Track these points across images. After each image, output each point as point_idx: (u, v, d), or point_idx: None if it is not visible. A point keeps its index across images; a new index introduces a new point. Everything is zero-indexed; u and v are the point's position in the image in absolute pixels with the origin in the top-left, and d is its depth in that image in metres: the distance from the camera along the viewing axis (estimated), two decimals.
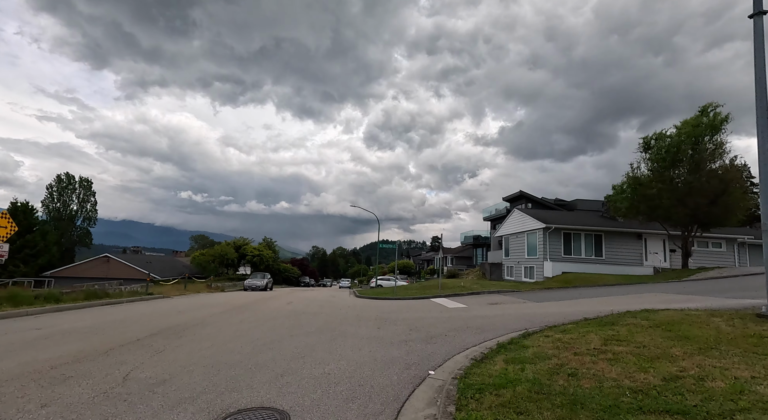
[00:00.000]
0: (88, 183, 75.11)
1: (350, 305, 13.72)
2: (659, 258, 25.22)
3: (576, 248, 25.44)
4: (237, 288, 29.00)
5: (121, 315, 9.74)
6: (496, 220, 47.39)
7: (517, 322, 7.93)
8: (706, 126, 17.20)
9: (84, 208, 74.48)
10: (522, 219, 28.44)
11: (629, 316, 6.91)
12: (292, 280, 55.51)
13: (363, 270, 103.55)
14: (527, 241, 27.62)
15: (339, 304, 14.44)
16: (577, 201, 39.09)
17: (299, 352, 5.60)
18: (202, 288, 23.83)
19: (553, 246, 25.17)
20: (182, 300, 15.23)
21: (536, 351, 4.98)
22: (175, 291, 19.39)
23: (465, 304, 12.61)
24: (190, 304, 13.43)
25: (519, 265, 28.52)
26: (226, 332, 7.30)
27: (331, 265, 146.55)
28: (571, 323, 6.95)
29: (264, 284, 27.80)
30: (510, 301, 12.79)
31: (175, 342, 6.26)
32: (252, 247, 48.21)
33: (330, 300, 16.87)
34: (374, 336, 6.99)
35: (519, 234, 28.82)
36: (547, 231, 25.07)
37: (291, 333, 7.27)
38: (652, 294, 11.73)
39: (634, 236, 25.62)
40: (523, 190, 39.81)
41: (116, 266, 37.60)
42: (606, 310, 8.28)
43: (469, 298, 14.66)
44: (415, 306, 12.86)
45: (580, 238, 25.54)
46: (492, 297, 14.68)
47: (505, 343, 5.67)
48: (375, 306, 13.39)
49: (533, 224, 26.44)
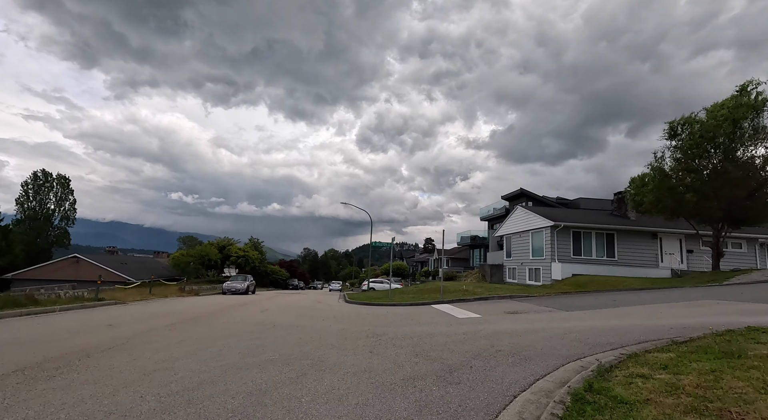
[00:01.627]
0: (66, 181, 71.60)
1: (337, 314, 11.34)
2: (676, 259, 23.25)
3: (586, 248, 23.36)
4: (216, 291, 26.39)
5: (16, 333, 7.25)
6: (494, 219, 45.35)
7: (563, 342, 5.64)
8: (747, 107, 15.19)
9: (62, 207, 71.00)
10: (526, 217, 26.33)
11: (747, 339, 4.66)
12: (279, 282, 52.83)
13: (355, 272, 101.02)
14: (532, 241, 25.50)
15: (323, 312, 12.05)
16: (580, 199, 37.20)
17: (233, 412, 3.23)
18: (174, 291, 21.22)
19: (561, 246, 23.06)
20: (134, 308, 12.70)
21: (653, 416, 2.70)
22: (135, 296, 16.81)
23: (477, 313, 10.32)
24: (137, 313, 10.93)
25: (523, 267, 26.37)
26: (140, 363, 4.88)
27: (323, 267, 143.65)
28: (657, 349, 4.69)
29: (244, 287, 25.25)
30: (532, 309, 10.53)
31: (34, 388, 3.84)
32: (237, 248, 45.50)
33: (314, 306, 14.46)
34: (365, 368, 4.65)
35: (523, 233, 26.69)
36: (555, 230, 22.96)
37: (240, 364, 4.88)
38: (711, 301, 9.57)
39: (648, 235, 23.62)
40: (524, 188, 37.81)
41: (86, 268, 34.67)
42: (675, 324, 6.05)
43: (479, 305, 12.38)
44: (416, 315, 10.54)
45: (591, 238, 23.47)
46: (505, 303, 12.42)
47: (580, 390, 3.37)
48: (367, 315, 11.03)
49: (539, 222, 24.32)
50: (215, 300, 18.05)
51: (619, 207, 26.14)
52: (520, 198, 38.62)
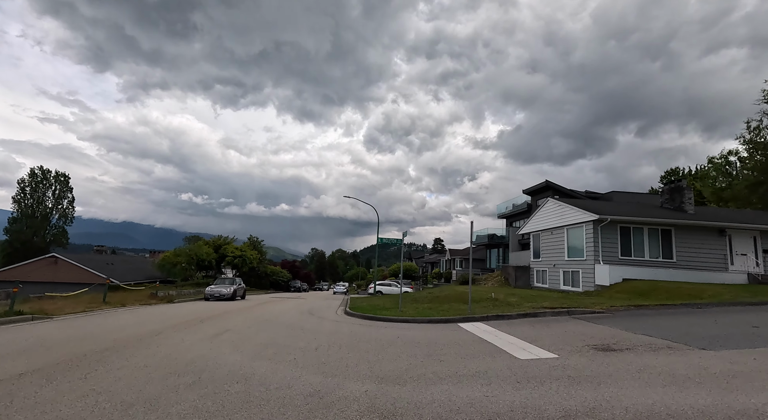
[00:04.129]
0: (65, 178, 69.27)
1: (323, 343, 7.62)
2: (750, 261, 19.06)
3: (637, 247, 19.31)
4: (200, 296, 22.89)
5: None
6: (514, 216, 41.30)
7: None
8: None
9: (60, 205, 68.70)
10: (560, 210, 22.34)
11: None
12: (281, 284, 49.37)
13: (362, 273, 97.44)
14: (568, 239, 21.52)
15: (306, 337, 8.35)
16: (612, 193, 33.03)
17: None
18: (142, 298, 17.70)
19: (607, 244, 19.06)
20: (37, 329, 9.11)
21: None
22: (79, 305, 13.31)
23: (539, 344, 6.52)
24: (13, 342, 7.34)
25: (556, 269, 22.40)
26: None
27: (330, 267, 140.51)
28: None
29: (230, 292, 21.70)
30: (629, 341, 6.65)
31: None
32: (234, 247, 42.10)
33: (299, 323, 10.77)
34: None
35: (556, 230, 22.71)
36: (598, 225, 18.97)
37: None
38: None
39: (714, 232, 19.48)
40: (550, 180, 33.78)
41: (65, 268, 31.53)
42: None
43: (532, 328, 8.53)
44: (444, 347, 6.79)
45: (643, 235, 19.42)
46: (571, 326, 8.56)
47: None
48: (367, 345, 7.31)
49: (578, 216, 20.34)
50: (184, 310, 14.49)
51: (672, 198, 22.00)
52: (545, 191, 34.56)
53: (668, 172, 47.75)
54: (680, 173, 46.65)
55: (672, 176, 47.34)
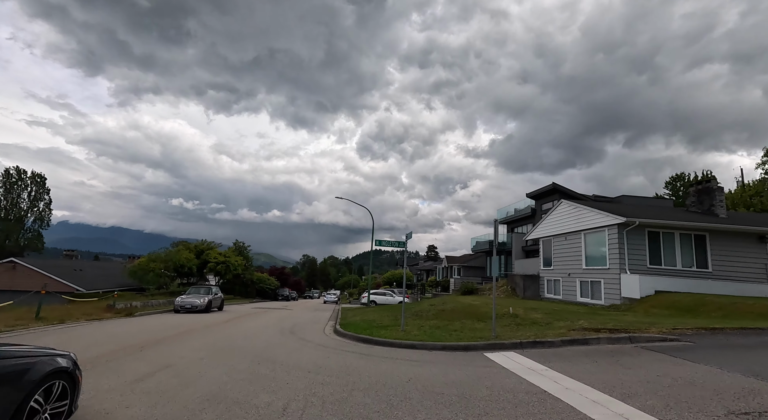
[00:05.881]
0: (42, 179, 65.62)
1: (295, 396, 5.08)
2: None
3: (668, 255, 17.06)
4: (170, 308, 20.06)
5: None
6: (516, 222, 39.10)
7: None
8: None
9: (35, 208, 64.98)
10: (577, 213, 20.08)
11: None
12: (268, 292, 46.38)
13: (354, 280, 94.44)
14: (586, 245, 19.22)
15: (273, 378, 5.81)
16: (622, 197, 30.97)
17: None
18: (91, 311, 14.88)
19: (634, 251, 16.78)
20: None
21: None
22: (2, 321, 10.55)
23: (650, 410, 4.07)
24: None
25: (571, 279, 20.06)
26: None
27: (321, 274, 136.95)
28: None
29: (204, 303, 18.92)
30: None
31: None
32: (217, 253, 39.16)
33: (273, 351, 8.18)
34: None
35: (571, 235, 20.42)
36: (624, 229, 16.70)
37: None
38: None
39: (753, 238, 17.33)
40: (557, 183, 31.66)
41: (25, 274, 28.37)
42: None
43: (599, 366, 6.06)
44: (481, 402, 4.34)
45: (674, 241, 17.18)
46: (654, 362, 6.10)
47: None
48: (365, 393, 4.83)
49: (599, 220, 18.07)
50: (135, 328, 11.78)
51: (701, 201, 19.87)
52: (552, 195, 32.45)
53: (673, 177, 46.05)
54: (686, 179, 44.96)
55: (677, 182, 45.59)
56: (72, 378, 3.66)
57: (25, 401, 3.04)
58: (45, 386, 3.28)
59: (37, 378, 3.18)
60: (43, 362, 3.36)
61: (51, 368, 3.36)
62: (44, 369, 3.29)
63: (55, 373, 3.41)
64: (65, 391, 3.56)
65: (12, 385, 2.98)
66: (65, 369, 3.55)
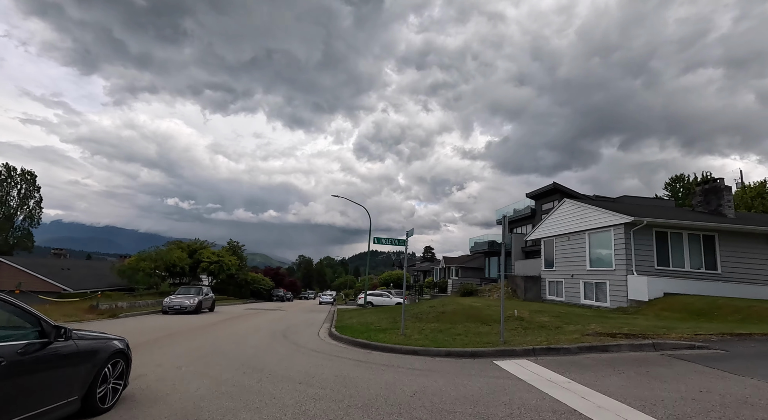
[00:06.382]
0: (32, 176, 64.26)
1: (282, 416, 4.35)
2: None
3: (676, 256, 16.47)
4: (158, 309, 19.23)
5: None
6: (516, 222, 38.51)
7: None
8: None
9: (26, 206, 63.64)
10: (581, 213, 19.47)
11: None
12: (262, 293, 45.49)
13: (350, 281, 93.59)
14: (591, 245, 18.62)
15: (259, 391, 5.09)
16: (624, 197, 30.48)
17: None
18: (72, 312, 14.04)
19: (641, 252, 16.18)
20: None
21: None
22: None
23: None
24: None
25: (574, 281, 19.44)
26: None
27: (317, 275, 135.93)
28: None
29: (194, 304, 18.11)
30: None
31: None
32: (210, 252, 38.28)
33: (261, 358, 7.45)
34: None
35: (574, 235, 19.81)
36: (631, 229, 16.11)
37: None
38: None
39: (762, 239, 16.80)
40: (558, 183, 31.11)
41: (9, 274, 27.39)
42: None
43: (626, 378, 5.37)
44: None
45: (682, 241, 16.60)
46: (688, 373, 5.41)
47: None
48: (365, 411, 4.13)
49: (604, 219, 17.47)
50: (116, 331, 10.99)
51: (707, 201, 19.33)
52: (552, 195, 31.91)
53: (673, 179, 45.69)
54: (685, 180, 44.62)
55: (677, 183, 45.22)
56: (127, 358, 4.64)
57: (98, 372, 4.02)
58: (111, 362, 4.24)
59: (106, 355, 4.18)
60: (109, 344, 4.34)
61: (114, 349, 4.36)
62: (110, 349, 4.30)
63: (117, 352, 4.40)
64: (123, 369, 4.51)
65: (91, 359, 3.96)
66: (123, 350, 4.56)
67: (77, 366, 3.78)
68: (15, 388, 3.08)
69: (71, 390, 3.69)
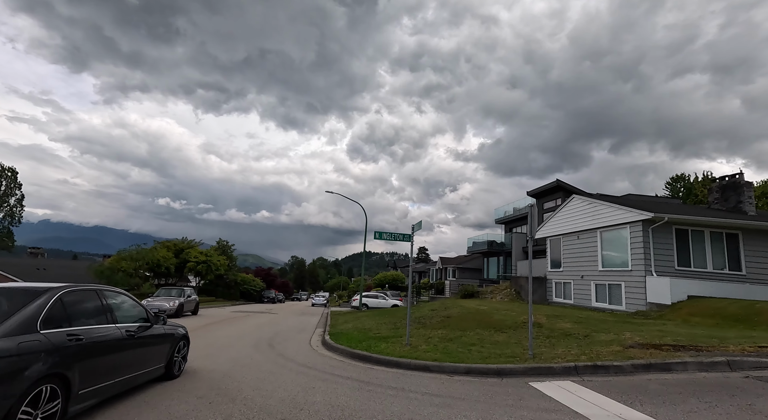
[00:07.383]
0: (13, 173, 61.74)
1: None
2: None
3: (697, 255, 15.28)
4: None
5: None
6: (515, 222, 37.36)
7: None
8: None
9: (5, 204, 61.13)
10: (592, 210, 18.23)
11: None
12: (252, 294, 43.77)
13: (344, 282, 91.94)
14: (603, 244, 17.39)
15: None
16: (629, 195, 29.44)
17: None
18: None
19: (661, 251, 14.96)
20: None
21: None
22: None
23: None
24: None
25: (585, 282, 18.20)
26: None
27: (310, 276, 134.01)
28: None
29: (174, 307, 16.53)
30: None
31: None
32: (198, 251, 36.55)
33: (237, 377, 5.98)
34: None
35: (584, 233, 18.57)
36: (649, 226, 14.88)
37: None
38: None
39: None
40: (561, 180, 29.96)
41: None
42: None
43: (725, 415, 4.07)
44: None
45: (704, 240, 15.42)
46: None
47: None
48: None
49: (620, 216, 16.24)
50: None
51: (725, 197, 18.21)
52: (555, 192, 30.77)
53: (674, 178, 44.94)
54: (686, 179, 43.88)
55: (678, 182, 44.46)
56: (188, 341, 6.43)
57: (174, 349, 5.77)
58: (180, 343, 5.99)
59: (179, 337, 6.01)
60: (178, 330, 6.12)
61: (182, 333, 6.20)
62: (180, 333, 6.12)
63: (184, 336, 6.22)
64: (186, 349, 6.31)
65: (171, 340, 5.70)
66: (186, 335, 6.35)
67: (164, 344, 5.48)
68: (137, 353, 4.75)
69: (160, 359, 5.38)
